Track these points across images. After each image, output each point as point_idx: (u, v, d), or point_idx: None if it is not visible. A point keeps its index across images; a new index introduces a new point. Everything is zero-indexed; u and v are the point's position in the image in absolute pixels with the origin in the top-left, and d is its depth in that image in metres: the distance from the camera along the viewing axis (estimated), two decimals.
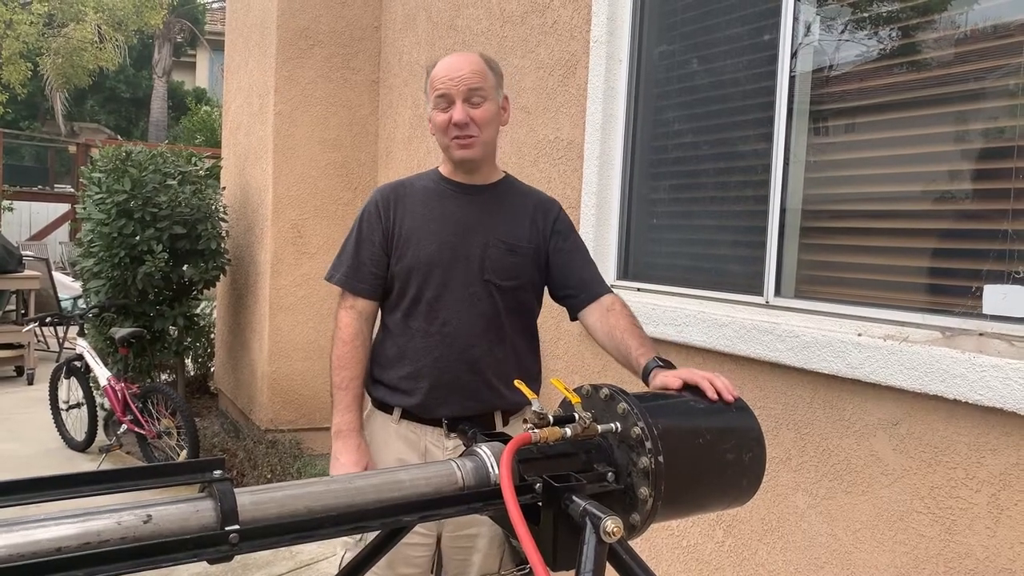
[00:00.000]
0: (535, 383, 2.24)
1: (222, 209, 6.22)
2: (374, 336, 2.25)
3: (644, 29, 3.36)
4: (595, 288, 2.15)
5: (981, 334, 2.09)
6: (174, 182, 5.77)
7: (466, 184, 2.17)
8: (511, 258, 2.14)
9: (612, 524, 1.07)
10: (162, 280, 5.67)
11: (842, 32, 2.60)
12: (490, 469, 1.20)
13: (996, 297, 2.08)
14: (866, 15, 2.52)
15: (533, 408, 1.26)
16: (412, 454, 2.13)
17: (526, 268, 2.16)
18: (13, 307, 8.36)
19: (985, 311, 2.10)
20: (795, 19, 2.66)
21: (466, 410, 2.11)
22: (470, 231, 2.13)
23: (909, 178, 2.41)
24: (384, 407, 2.19)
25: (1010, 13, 2.13)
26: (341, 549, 2.19)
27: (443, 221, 2.13)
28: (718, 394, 1.51)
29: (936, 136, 2.33)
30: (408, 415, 2.15)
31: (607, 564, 1.07)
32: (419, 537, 2.09)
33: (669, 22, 3.28)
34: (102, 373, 5.52)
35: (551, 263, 2.19)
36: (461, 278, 2.11)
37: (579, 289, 2.15)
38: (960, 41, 2.25)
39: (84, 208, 5.87)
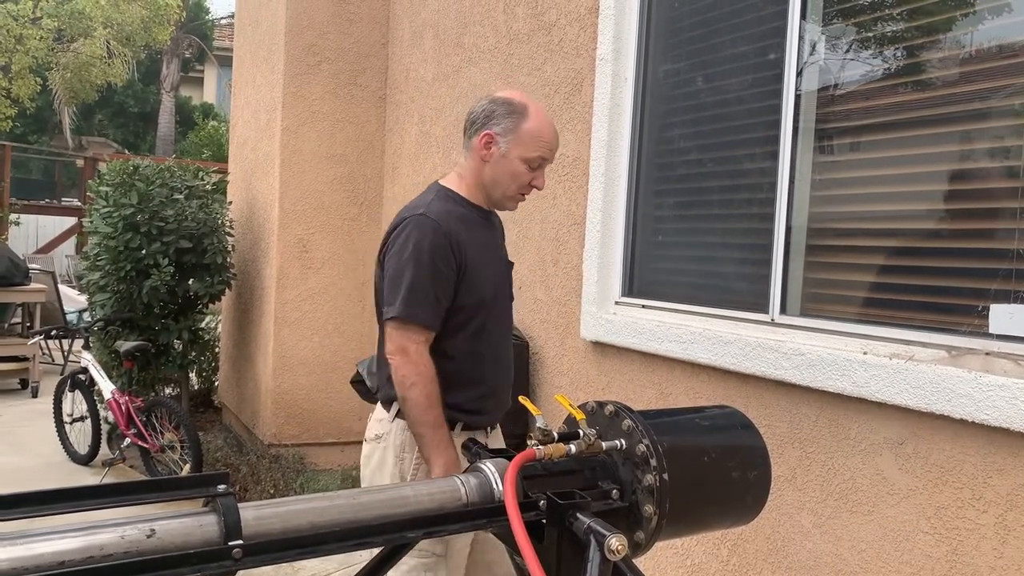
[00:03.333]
0: None
1: (228, 223, 6.24)
2: None
3: (650, 47, 3.37)
4: None
5: (987, 353, 2.08)
6: (181, 196, 5.79)
7: (485, 210, 2.31)
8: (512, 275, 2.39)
9: (616, 542, 1.06)
10: (168, 294, 5.68)
11: (847, 51, 2.61)
12: (494, 486, 1.20)
13: (1002, 316, 2.08)
14: (871, 34, 2.53)
15: (538, 424, 1.25)
16: (462, 459, 2.21)
17: None
18: (18, 320, 8.38)
19: (991, 330, 2.10)
20: (800, 38, 2.67)
21: (498, 419, 2.36)
22: (498, 256, 2.32)
23: (915, 197, 2.41)
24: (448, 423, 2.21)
25: (1015, 33, 2.14)
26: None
27: (486, 249, 2.25)
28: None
29: (942, 155, 2.33)
30: (466, 427, 2.25)
31: None
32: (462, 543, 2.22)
33: (675, 40, 3.29)
34: (106, 386, 5.52)
35: None
36: (504, 301, 2.31)
37: None
38: (965, 61, 2.26)
39: (91, 222, 5.89)
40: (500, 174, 2.16)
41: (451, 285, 2.14)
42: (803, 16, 2.66)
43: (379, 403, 2.34)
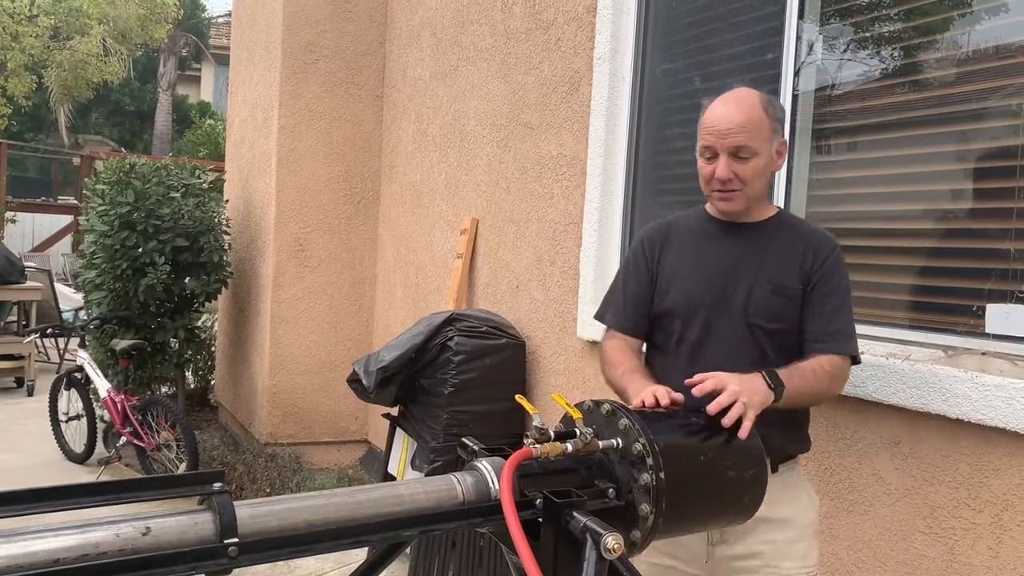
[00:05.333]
0: (802, 429, 2.11)
1: (225, 222, 6.23)
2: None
3: (647, 47, 3.37)
4: (813, 342, 2.00)
5: (984, 353, 2.08)
6: (177, 195, 5.78)
7: (733, 223, 2.10)
8: (777, 299, 2.01)
9: (613, 541, 1.06)
10: (164, 292, 5.68)
11: (844, 51, 2.61)
12: (490, 484, 1.20)
13: (999, 316, 2.08)
14: (868, 35, 2.54)
15: (534, 423, 1.25)
16: None
17: (792, 310, 2.02)
18: (14, 318, 8.36)
19: (988, 330, 2.10)
20: (798, 38, 2.67)
21: None
22: (736, 271, 2.05)
23: (912, 197, 2.41)
24: None
25: (1012, 34, 2.14)
26: None
27: (707, 261, 2.09)
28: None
29: (939, 155, 2.34)
30: None
31: None
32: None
33: (672, 40, 3.29)
34: (102, 385, 5.51)
35: (804, 302, 2.04)
36: (725, 320, 2.03)
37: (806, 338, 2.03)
38: (962, 61, 2.26)
39: (87, 220, 5.88)
40: (700, 178, 2.09)
41: (644, 288, 2.15)
42: (801, 16, 2.66)
43: None
